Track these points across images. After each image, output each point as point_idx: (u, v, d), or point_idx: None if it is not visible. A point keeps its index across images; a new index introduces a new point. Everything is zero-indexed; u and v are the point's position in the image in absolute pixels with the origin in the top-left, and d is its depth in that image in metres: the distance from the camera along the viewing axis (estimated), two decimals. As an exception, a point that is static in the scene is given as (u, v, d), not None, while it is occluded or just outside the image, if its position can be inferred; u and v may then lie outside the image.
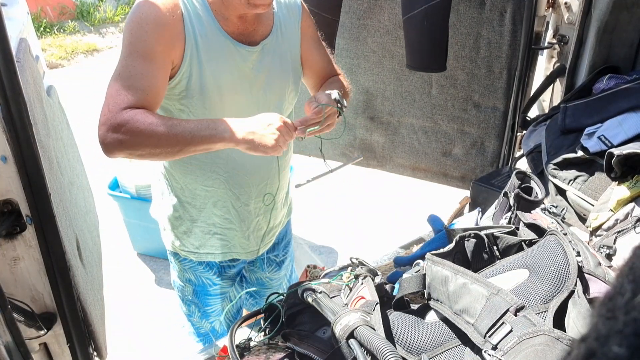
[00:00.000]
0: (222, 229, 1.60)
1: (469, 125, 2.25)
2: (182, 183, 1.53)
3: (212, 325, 1.80)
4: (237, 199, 1.56)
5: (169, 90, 1.36)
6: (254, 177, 1.54)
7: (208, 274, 1.70)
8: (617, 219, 1.35)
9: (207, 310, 1.77)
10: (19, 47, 1.23)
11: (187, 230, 1.60)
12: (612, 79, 1.76)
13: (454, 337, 0.96)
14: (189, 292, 1.74)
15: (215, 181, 1.51)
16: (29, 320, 1.05)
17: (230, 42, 1.37)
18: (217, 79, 1.37)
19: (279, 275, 1.92)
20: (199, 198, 1.54)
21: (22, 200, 0.97)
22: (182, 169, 1.51)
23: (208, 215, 1.57)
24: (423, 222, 1.44)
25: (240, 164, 1.50)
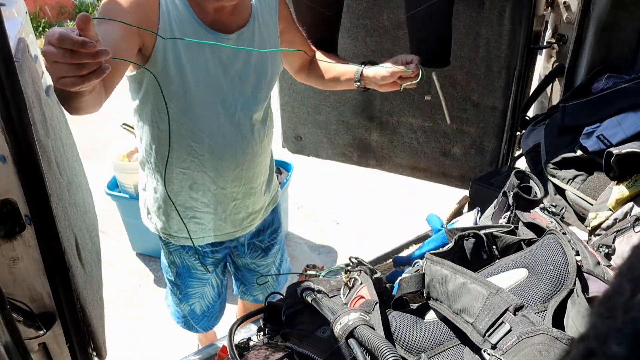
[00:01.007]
0: (199, 212, 1.62)
1: (468, 124, 2.26)
2: (161, 167, 1.56)
3: (192, 307, 1.85)
4: (213, 183, 1.58)
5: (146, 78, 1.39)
6: (229, 162, 1.56)
7: (191, 259, 1.74)
8: (616, 218, 1.35)
9: (189, 292, 1.82)
10: (18, 47, 1.23)
11: (166, 214, 1.63)
12: (611, 78, 1.76)
13: (453, 337, 0.96)
14: (172, 274, 1.79)
15: (192, 164, 1.53)
16: (28, 320, 1.05)
17: (204, 29, 1.39)
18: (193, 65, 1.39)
19: (266, 261, 1.94)
20: (176, 182, 1.56)
21: (21, 200, 0.97)
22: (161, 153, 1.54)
23: (185, 199, 1.59)
24: (422, 221, 1.44)
25: (214, 148, 1.52)
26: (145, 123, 1.51)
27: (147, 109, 1.48)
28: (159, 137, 1.51)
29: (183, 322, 1.92)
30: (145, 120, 1.51)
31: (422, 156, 2.43)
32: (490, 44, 2.04)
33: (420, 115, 2.32)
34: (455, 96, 2.21)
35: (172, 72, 1.37)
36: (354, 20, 2.21)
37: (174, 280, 1.80)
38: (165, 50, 1.34)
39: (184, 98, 1.42)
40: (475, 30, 2.04)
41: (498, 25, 1.99)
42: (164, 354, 2.59)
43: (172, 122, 1.44)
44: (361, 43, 2.26)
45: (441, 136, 2.34)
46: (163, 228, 1.67)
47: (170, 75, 1.37)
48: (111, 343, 1.69)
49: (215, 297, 1.88)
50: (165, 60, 1.35)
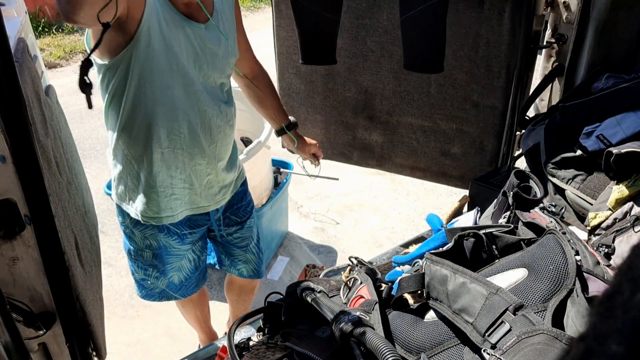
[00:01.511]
0: (177, 189, 1.70)
1: (467, 124, 2.26)
2: (140, 150, 1.61)
3: (170, 280, 1.92)
4: (191, 159, 1.67)
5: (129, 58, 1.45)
6: (205, 139, 1.67)
7: (167, 239, 1.80)
8: (615, 218, 1.35)
9: (166, 268, 1.87)
10: (18, 47, 1.23)
11: (147, 196, 1.68)
12: (611, 78, 1.76)
13: (453, 337, 0.96)
14: (148, 257, 1.84)
15: (171, 142, 1.61)
16: (27, 320, 1.05)
17: (180, 17, 1.52)
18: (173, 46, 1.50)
19: (243, 235, 2.05)
20: (155, 163, 1.63)
21: (21, 200, 0.97)
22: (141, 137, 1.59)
23: (164, 178, 1.66)
24: (422, 221, 1.45)
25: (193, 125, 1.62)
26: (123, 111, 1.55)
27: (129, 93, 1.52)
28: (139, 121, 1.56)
29: (159, 297, 1.98)
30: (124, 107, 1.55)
31: (421, 156, 2.43)
32: (490, 43, 2.04)
33: (420, 115, 2.32)
34: (455, 96, 2.21)
35: (156, 50, 1.46)
36: (353, 20, 2.21)
37: (150, 262, 1.86)
38: (150, 30, 1.43)
39: (167, 77, 1.51)
40: (475, 30, 2.04)
41: (498, 25, 1.99)
42: (164, 354, 2.58)
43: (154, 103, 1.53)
44: (361, 43, 2.26)
45: (441, 136, 2.34)
46: (144, 211, 1.71)
47: (154, 53, 1.46)
48: (111, 343, 1.69)
49: (192, 269, 1.95)
50: (150, 38, 1.44)
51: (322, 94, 2.44)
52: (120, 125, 1.58)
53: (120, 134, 1.60)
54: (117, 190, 1.74)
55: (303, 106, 2.51)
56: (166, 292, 1.96)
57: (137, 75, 1.48)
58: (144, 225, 1.76)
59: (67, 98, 5.25)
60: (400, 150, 2.46)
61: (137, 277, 1.92)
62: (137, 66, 1.46)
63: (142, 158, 1.62)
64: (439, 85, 2.21)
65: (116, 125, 1.59)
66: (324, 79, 2.41)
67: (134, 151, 1.62)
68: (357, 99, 2.40)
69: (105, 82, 1.53)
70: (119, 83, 1.50)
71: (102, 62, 1.49)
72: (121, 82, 1.50)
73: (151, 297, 1.98)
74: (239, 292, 2.31)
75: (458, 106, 2.23)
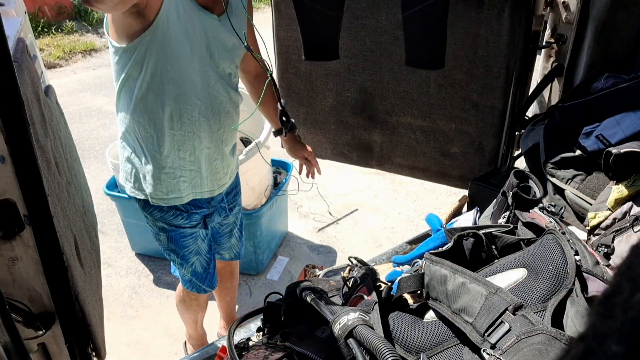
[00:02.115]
0: (185, 171, 1.77)
1: (467, 124, 2.25)
2: (151, 131, 1.67)
3: (193, 268, 1.97)
4: (200, 142, 1.74)
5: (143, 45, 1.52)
6: (215, 124, 1.75)
7: (177, 220, 1.85)
8: (615, 218, 1.35)
9: (185, 253, 1.93)
10: (17, 47, 1.23)
11: (156, 178, 1.74)
12: (610, 78, 1.76)
13: (453, 336, 0.96)
14: (164, 240, 1.91)
15: (183, 125, 1.68)
16: (27, 321, 1.05)
17: (198, 7, 1.59)
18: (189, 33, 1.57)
19: (229, 221, 2.12)
20: (167, 144, 1.69)
21: (20, 201, 0.97)
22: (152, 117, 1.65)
23: (174, 160, 1.73)
24: (421, 221, 1.45)
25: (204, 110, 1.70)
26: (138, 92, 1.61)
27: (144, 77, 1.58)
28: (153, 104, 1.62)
29: (190, 286, 2.03)
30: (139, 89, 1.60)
31: (421, 156, 2.43)
32: (490, 43, 2.04)
33: (420, 115, 2.31)
34: (454, 96, 2.21)
35: (173, 38, 1.53)
36: (353, 20, 2.21)
37: (169, 247, 1.91)
38: (168, 18, 1.50)
39: (182, 62, 1.58)
40: (474, 30, 2.04)
41: (497, 25, 1.99)
42: (163, 354, 2.58)
43: (168, 86, 1.59)
44: (360, 43, 2.26)
45: (440, 136, 2.34)
46: (153, 192, 1.77)
47: (171, 40, 1.53)
48: (110, 343, 1.69)
49: (207, 249, 1.99)
50: (168, 26, 1.50)
51: (321, 94, 2.44)
52: (133, 105, 1.64)
53: (133, 114, 1.65)
54: (125, 175, 1.80)
55: (302, 106, 2.51)
56: (194, 283, 2.02)
57: (154, 60, 1.54)
58: (152, 207, 1.81)
59: (67, 98, 5.25)
60: (399, 150, 2.46)
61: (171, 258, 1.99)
62: (153, 51, 1.53)
63: (153, 139, 1.68)
64: (438, 85, 2.21)
65: (129, 106, 1.65)
66: (324, 79, 2.41)
67: (145, 131, 1.67)
68: (357, 99, 2.40)
69: (120, 64, 1.59)
70: (135, 66, 1.56)
71: (119, 45, 1.55)
72: (137, 65, 1.56)
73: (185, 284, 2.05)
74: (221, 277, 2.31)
75: (457, 106, 2.23)
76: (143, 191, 1.79)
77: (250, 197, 2.73)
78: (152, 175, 1.74)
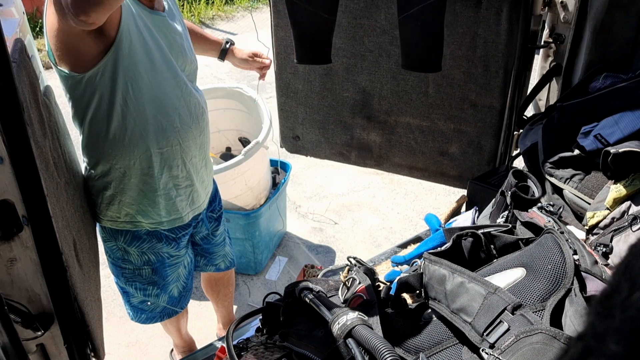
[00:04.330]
0: (181, 189, 1.70)
1: (465, 124, 2.26)
2: (136, 157, 1.55)
3: (170, 294, 1.88)
4: (187, 153, 1.66)
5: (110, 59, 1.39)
6: (195, 130, 1.66)
7: (166, 248, 1.78)
8: (613, 217, 1.36)
9: (167, 282, 1.85)
10: (15, 47, 1.23)
11: (152, 202, 1.65)
12: (608, 77, 1.76)
13: (452, 336, 0.96)
14: (147, 274, 1.80)
15: (167, 140, 1.58)
16: (25, 321, 1.05)
17: (147, 10, 1.49)
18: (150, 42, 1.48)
19: (219, 230, 2.06)
20: (156, 166, 1.59)
21: (19, 201, 0.96)
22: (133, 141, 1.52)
23: (166, 181, 1.64)
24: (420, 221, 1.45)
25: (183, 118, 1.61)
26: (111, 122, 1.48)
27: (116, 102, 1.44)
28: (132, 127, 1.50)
29: (161, 316, 1.93)
30: (112, 118, 1.47)
31: (420, 156, 2.43)
32: (488, 43, 2.04)
33: (418, 115, 2.32)
34: (453, 96, 2.21)
35: (138, 49, 1.42)
36: (351, 20, 2.21)
37: (150, 279, 1.81)
38: (130, 29, 1.39)
39: (152, 74, 1.48)
40: (472, 30, 2.04)
41: (495, 24, 1.99)
42: (162, 355, 2.58)
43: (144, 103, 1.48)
44: (359, 43, 2.26)
45: (439, 136, 2.34)
46: (152, 218, 1.68)
47: (137, 52, 1.42)
48: (109, 344, 1.69)
49: (187, 275, 1.94)
50: (131, 38, 1.40)
51: (320, 93, 2.44)
52: (109, 139, 1.50)
53: (111, 148, 1.52)
54: (107, 212, 1.66)
55: (301, 106, 2.51)
56: (167, 309, 1.92)
57: (122, 81, 1.41)
58: (141, 240, 1.71)
59: (65, 99, 5.24)
60: (398, 150, 2.46)
61: (134, 302, 1.86)
62: (121, 71, 1.40)
63: (139, 165, 1.56)
64: (436, 85, 2.21)
65: (103, 141, 1.51)
66: (322, 79, 2.41)
67: (129, 160, 1.55)
68: (355, 98, 2.40)
69: (82, 96, 1.44)
70: (103, 93, 1.42)
71: (78, 75, 1.39)
72: (104, 92, 1.42)
73: (152, 320, 1.93)
74: (219, 287, 2.31)
75: (456, 106, 2.23)
76: (136, 222, 1.67)
77: (249, 197, 2.72)
78: (147, 201, 1.64)
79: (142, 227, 1.69)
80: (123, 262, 1.77)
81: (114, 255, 1.77)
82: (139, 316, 1.90)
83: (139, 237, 1.71)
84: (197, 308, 2.75)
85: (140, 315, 1.90)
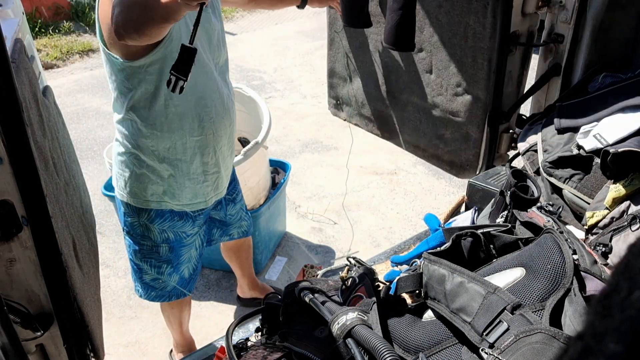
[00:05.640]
0: (208, 175, 1.78)
1: (457, 111, 2.31)
2: (172, 142, 1.64)
3: (181, 275, 1.95)
4: (218, 142, 1.75)
5: None
6: (227, 120, 1.75)
7: (184, 227, 1.85)
8: (612, 217, 1.36)
9: (180, 262, 1.91)
10: (14, 48, 1.23)
11: (181, 185, 1.74)
12: (608, 77, 1.76)
13: (451, 336, 0.96)
14: (164, 252, 1.86)
15: (202, 129, 1.67)
16: (25, 322, 1.05)
17: None
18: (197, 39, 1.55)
19: (236, 208, 2.16)
20: (189, 151, 1.68)
21: (18, 202, 0.96)
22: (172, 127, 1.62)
23: (196, 167, 1.73)
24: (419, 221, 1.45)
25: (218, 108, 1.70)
26: (154, 108, 1.57)
27: (162, 90, 1.54)
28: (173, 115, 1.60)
29: (169, 296, 1.99)
30: (156, 105, 1.57)
31: (422, 136, 2.52)
32: (477, 35, 2.07)
33: (423, 97, 2.39)
34: (449, 82, 2.26)
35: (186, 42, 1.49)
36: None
37: (167, 258, 1.88)
38: (180, 27, 1.49)
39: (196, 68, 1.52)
40: (465, 20, 2.08)
41: (482, 17, 2.01)
42: (162, 355, 2.58)
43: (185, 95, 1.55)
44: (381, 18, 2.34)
45: (437, 119, 2.40)
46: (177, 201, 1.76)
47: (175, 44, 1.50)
48: (109, 344, 1.69)
49: (197, 257, 2.00)
50: (181, 33, 1.49)
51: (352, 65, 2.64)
52: (149, 123, 1.60)
53: (149, 132, 1.61)
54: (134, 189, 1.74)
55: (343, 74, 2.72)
56: (176, 290, 1.98)
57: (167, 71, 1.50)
58: (164, 218, 1.79)
59: (64, 99, 5.23)
60: (407, 127, 2.56)
61: (146, 278, 1.91)
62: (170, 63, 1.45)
63: (174, 150, 1.66)
64: (437, 69, 2.28)
65: (143, 124, 1.61)
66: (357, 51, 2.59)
67: (165, 144, 1.65)
68: (379, 73, 2.54)
69: (131, 81, 1.54)
70: (150, 81, 1.52)
71: (127, 62, 1.49)
72: (152, 81, 1.52)
73: (162, 298, 1.99)
74: (240, 252, 2.44)
75: (451, 92, 2.28)
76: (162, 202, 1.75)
77: (248, 197, 2.72)
78: (177, 184, 1.72)
79: (167, 207, 1.77)
80: (142, 239, 1.84)
81: (134, 231, 1.83)
82: (149, 293, 1.96)
83: (162, 216, 1.79)
84: (197, 308, 2.75)
85: (149, 293, 1.96)
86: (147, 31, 1.29)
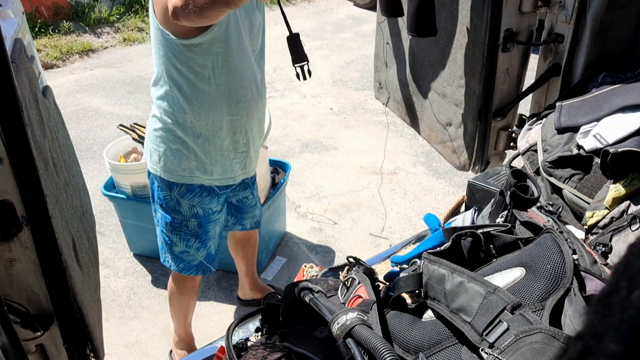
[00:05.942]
0: (238, 153, 1.89)
1: (460, 103, 2.33)
2: (209, 120, 1.75)
3: (208, 250, 2.04)
4: (250, 123, 1.85)
5: None
6: (260, 103, 1.87)
7: (211, 204, 1.94)
8: (612, 217, 1.36)
9: (207, 237, 2.01)
10: (14, 48, 1.23)
11: (213, 159, 1.84)
12: (607, 77, 1.76)
13: (451, 336, 0.96)
14: (193, 226, 1.96)
15: (239, 110, 1.77)
16: (25, 322, 1.05)
17: None
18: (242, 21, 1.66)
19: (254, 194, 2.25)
20: (224, 129, 1.79)
21: (18, 202, 0.96)
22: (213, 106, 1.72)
23: (228, 143, 1.83)
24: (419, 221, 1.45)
25: (254, 92, 1.80)
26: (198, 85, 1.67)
27: (206, 70, 1.64)
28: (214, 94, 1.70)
29: (196, 270, 2.07)
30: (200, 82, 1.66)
31: (435, 124, 2.56)
32: (477, 28, 2.08)
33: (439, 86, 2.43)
34: (456, 73, 2.28)
35: (232, 29, 1.61)
36: None
37: (193, 232, 1.97)
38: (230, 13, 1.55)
39: (239, 51, 1.67)
40: (470, 14, 2.09)
41: (481, 11, 2.01)
42: (162, 355, 2.58)
43: (228, 76, 1.68)
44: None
45: (446, 109, 2.42)
46: (209, 174, 1.86)
47: (231, 31, 1.61)
48: (109, 344, 1.69)
49: (220, 234, 2.10)
50: (229, 20, 1.58)
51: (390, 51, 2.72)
52: (189, 99, 1.70)
53: (188, 108, 1.71)
54: (167, 163, 1.83)
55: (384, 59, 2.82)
56: (203, 265, 2.07)
57: (217, 52, 1.61)
58: (194, 193, 1.87)
59: (64, 99, 5.23)
60: (425, 114, 2.60)
61: (176, 250, 2.01)
62: (217, 44, 1.60)
63: (210, 127, 1.76)
64: (450, 61, 2.31)
65: (183, 100, 1.70)
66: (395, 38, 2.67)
67: (202, 121, 1.74)
68: (407, 61, 2.60)
69: (178, 57, 1.63)
70: (196, 60, 1.62)
71: (177, 39, 1.58)
72: (199, 60, 1.62)
73: (189, 270, 2.07)
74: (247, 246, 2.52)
75: (456, 84, 2.30)
76: (194, 177, 1.84)
77: (248, 197, 2.73)
78: (209, 159, 1.82)
79: (198, 181, 1.86)
80: (173, 212, 1.92)
81: (166, 204, 1.91)
82: (178, 264, 2.04)
83: (192, 191, 1.88)
84: (197, 308, 2.74)
85: (179, 264, 2.04)
86: (208, 14, 1.35)
